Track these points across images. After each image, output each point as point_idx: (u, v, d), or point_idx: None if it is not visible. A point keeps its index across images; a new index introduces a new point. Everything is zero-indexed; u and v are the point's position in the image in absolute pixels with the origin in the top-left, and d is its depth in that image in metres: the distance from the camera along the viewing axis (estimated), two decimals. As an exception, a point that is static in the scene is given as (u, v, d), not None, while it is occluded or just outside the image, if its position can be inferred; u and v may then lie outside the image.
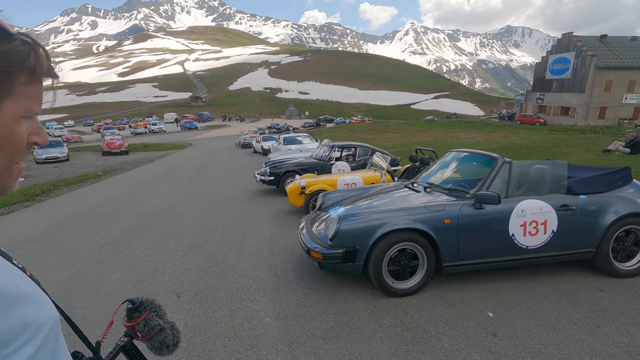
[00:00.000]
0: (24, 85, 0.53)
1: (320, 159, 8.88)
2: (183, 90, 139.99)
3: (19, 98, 0.52)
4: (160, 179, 12.26)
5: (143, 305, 0.86)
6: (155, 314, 0.87)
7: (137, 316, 0.85)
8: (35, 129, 0.58)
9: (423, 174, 4.57)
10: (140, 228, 6.18)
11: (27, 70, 0.52)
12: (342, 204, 4.14)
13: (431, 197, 3.56)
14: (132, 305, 0.86)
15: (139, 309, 0.85)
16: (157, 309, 0.88)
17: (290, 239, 5.18)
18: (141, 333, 0.85)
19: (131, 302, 0.86)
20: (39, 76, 0.54)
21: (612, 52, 39.66)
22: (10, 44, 0.50)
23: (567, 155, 15.01)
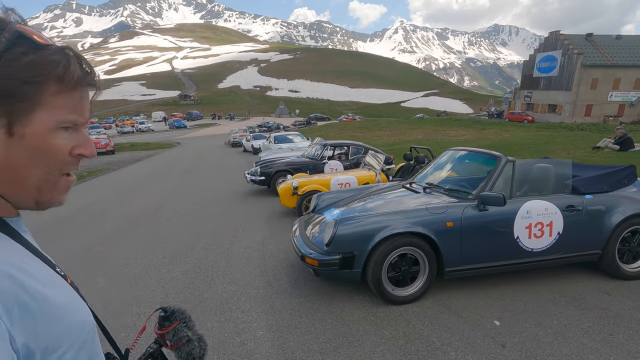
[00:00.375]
0: (54, 95, 0.52)
1: (313, 158, 8.67)
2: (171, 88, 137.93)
3: (49, 108, 0.52)
4: (147, 179, 11.89)
5: (174, 314, 0.87)
6: (185, 325, 0.87)
7: (167, 325, 0.86)
8: (80, 141, 0.57)
9: (420, 174, 4.40)
10: (125, 231, 5.89)
11: (56, 80, 0.52)
12: (337, 206, 3.94)
13: (431, 199, 3.38)
14: (164, 314, 0.87)
15: (170, 318, 0.87)
16: (187, 320, 0.89)
17: (282, 242, 4.96)
18: (170, 342, 0.86)
19: (164, 311, 0.87)
20: (69, 85, 0.53)
21: (597, 50, 40.30)
22: (38, 54, 0.50)
23: (557, 152, 15.10)
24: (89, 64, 0.56)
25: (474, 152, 3.97)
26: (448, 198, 3.32)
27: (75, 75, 0.53)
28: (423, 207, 3.13)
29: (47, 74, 0.51)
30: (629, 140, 12.87)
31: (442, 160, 4.31)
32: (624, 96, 39.81)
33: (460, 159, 4.11)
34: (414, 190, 3.71)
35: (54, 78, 0.51)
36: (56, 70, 0.51)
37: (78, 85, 0.54)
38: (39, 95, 0.51)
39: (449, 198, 3.32)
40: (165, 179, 11.64)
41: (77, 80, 0.54)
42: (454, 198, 3.30)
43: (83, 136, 0.58)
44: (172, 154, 21.52)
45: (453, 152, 4.29)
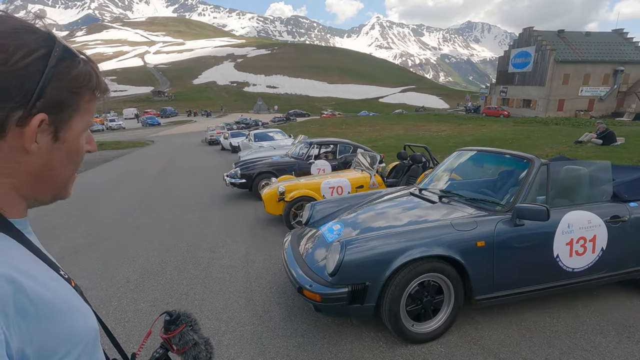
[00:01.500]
0: (87, 102, 0.58)
1: (298, 157, 8.00)
2: (144, 84, 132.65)
3: (83, 114, 0.58)
4: (116, 182, 10.87)
5: (180, 318, 0.86)
6: (191, 329, 0.86)
7: (173, 329, 0.85)
8: (88, 138, 0.63)
9: (426, 178, 3.85)
10: (85, 247, 5.06)
11: (91, 89, 0.58)
12: (337, 219, 3.33)
13: (453, 211, 2.82)
14: (170, 318, 0.86)
15: (176, 321, 0.86)
16: (193, 323, 0.88)
17: (269, 258, 4.30)
18: (176, 346, 0.85)
19: (169, 315, 0.86)
20: (99, 93, 0.60)
21: (569, 46, 41.43)
22: (79, 66, 0.55)
23: (540, 146, 15.09)
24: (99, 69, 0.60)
25: (494, 153, 3.44)
26: (473, 210, 2.77)
27: (103, 85, 0.60)
28: (447, 222, 2.56)
29: (86, 85, 0.56)
30: (612, 135, 12.93)
31: (452, 162, 3.77)
32: (594, 91, 41.17)
33: (476, 161, 3.58)
34: (427, 200, 3.14)
35: (90, 88, 0.57)
36: (92, 81, 0.57)
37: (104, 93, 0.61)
38: (78, 103, 0.56)
39: (474, 210, 2.77)
40: (136, 182, 10.66)
41: (104, 89, 0.60)
42: (481, 210, 2.75)
43: (89, 134, 0.63)
44: (144, 153, 20.26)
45: (464, 153, 3.75)
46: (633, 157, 10.35)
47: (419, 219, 2.80)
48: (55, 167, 0.57)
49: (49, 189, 0.60)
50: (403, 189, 3.79)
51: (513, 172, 3.02)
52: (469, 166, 3.67)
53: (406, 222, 2.80)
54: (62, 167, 0.58)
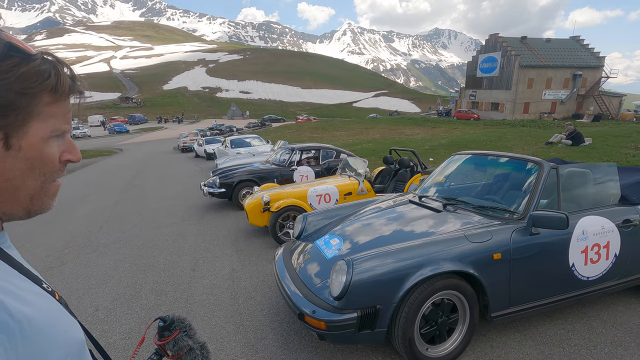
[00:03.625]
0: (48, 105, 0.53)
1: (279, 164, 7.67)
2: (110, 90, 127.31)
3: (45, 119, 0.53)
4: (79, 195, 10.08)
5: (174, 324, 0.85)
6: (185, 334, 0.85)
7: (167, 335, 0.84)
8: (67, 147, 0.59)
9: (423, 184, 3.66)
10: (44, 271, 4.49)
11: (49, 90, 0.53)
12: (334, 231, 3.05)
13: (462, 220, 2.61)
14: (164, 324, 0.85)
15: (170, 327, 0.84)
16: (188, 328, 0.86)
17: (257, 274, 3.96)
18: (171, 352, 0.84)
19: (162, 321, 0.85)
20: (62, 95, 0.55)
21: (531, 52, 43.49)
22: (30, 65, 0.50)
23: (512, 148, 15.52)
24: (71, 69, 0.56)
25: (494, 157, 3.28)
26: (483, 219, 2.57)
27: (66, 85, 0.54)
28: (460, 234, 2.34)
29: (40, 85, 0.51)
30: (580, 135, 13.46)
31: (449, 167, 3.59)
32: (555, 94, 43.38)
33: (475, 165, 3.42)
34: (430, 208, 2.93)
35: (47, 88, 0.52)
36: (49, 80, 0.51)
37: (69, 94, 0.56)
38: (33, 106, 0.51)
39: (484, 219, 2.57)
40: (102, 194, 9.94)
41: (68, 89, 0.55)
42: (492, 219, 2.56)
43: (69, 142, 0.59)
44: (112, 162, 19.19)
45: (460, 157, 3.59)
46: (602, 156, 10.76)
47: (428, 230, 2.57)
48: (14, 177, 0.52)
49: (14, 203, 0.55)
50: (400, 196, 3.57)
51: (519, 176, 2.86)
52: (467, 171, 3.50)
53: (414, 233, 2.57)
54: (25, 178, 0.53)
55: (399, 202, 3.31)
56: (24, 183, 0.54)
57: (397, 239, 2.52)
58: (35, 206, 0.57)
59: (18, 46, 0.50)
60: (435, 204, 2.98)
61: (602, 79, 42.56)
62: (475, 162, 3.45)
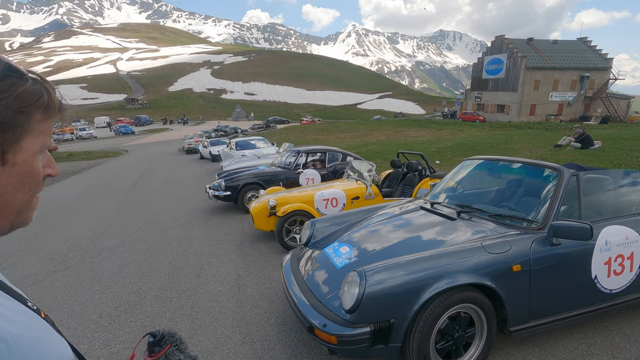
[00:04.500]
0: (39, 122, 0.55)
1: (285, 167, 7.60)
2: (117, 91, 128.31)
3: (36, 135, 0.55)
4: (84, 197, 10.08)
5: (164, 339, 0.84)
6: (176, 348, 0.84)
7: (157, 350, 0.82)
8: (47, 161, 0.61)
9: (434, 189, 3.56)
10: (48, 275, 4.45)
11: (43, 108, 0.55)
12: (342, 238, 2.96)
13: (478, 229, 2.51)
14: (154, 339, 0.83)
15: (160, 342, 0.83)
16: (179, 342, 0.85)
17: (264, 281, 3.87)
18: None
19: (152, 336, 0.84)
20: (53, 112, 0.57)
21: (538, 53, 43.18)
22: (26, 84, 0.53)
23: (520, 150, 15.34)
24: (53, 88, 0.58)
25: (509, 163, 3.17)
26: (500, 228, 2.47)
27: (56, 103, 0.57)
28: (477, 244, 2.24)
29: (35, 103, 0.53)
30: (589, 138, 13.25)
31: (461, 172, 3.49)
32: (562, 96, 42.99)
33: (489, 171, 3.31)
34: (443, 215, 2.82)
35: (41, 106, 0.54)
36: (42, 99, 0.54)
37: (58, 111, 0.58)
38: (27, 124, 0.53)
39: (501, 228, 2.46)
40: (107, 196, 9.92)
41: (58, 107, 0.58)
42: (509, 228, 2.45)
43: (48, 156, 0.61)
44: (117, 164, 19.25)
45: (473, 162, 3.48)
46: (612, 159, 10.57)
47: (442, 239, 2.47)
48: (6, 192, 0.54)
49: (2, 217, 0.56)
50: (410, 202, 3.47)
51: (536, 183, 2.75)
52: (480, 177, 3.40)
53: (427, 242, 2.47)
54: (15, 192, 0.55)
55: (410, 208, 3.20)
56: (14, 197, 0.55)
57: (410, 248, 2.42)
58: (20, 220, 0.58)
59: (14, 66, 0.52)
60: (449, 211, 2.87)
61: (610, 80, 42.11)
62: (488, 168, 3.35)
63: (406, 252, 2.36)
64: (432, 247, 2.36)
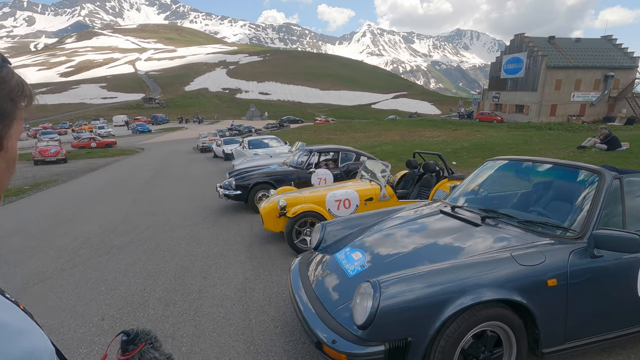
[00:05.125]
0: (21, 110, 0.58)
1: (297, 166, 7.43)
2: (134, 91, 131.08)
3: (19, 122, 0.58)
4: (98, 194, 10.15)
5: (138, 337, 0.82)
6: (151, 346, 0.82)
7: (132, 349, 0.81)
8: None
9: (453, 192, 3.31)
10: (55, 273, 4.39)
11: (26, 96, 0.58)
12: (355, 243, 2.75)
13: (505, 237, 2.26)
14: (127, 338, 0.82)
15: (134, 341, 0.81)
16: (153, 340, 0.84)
17: (271, 285, 3.69)
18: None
19: (126, 334, 0.82)
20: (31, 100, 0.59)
21: (559, 52, 41.84)
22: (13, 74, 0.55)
23: (541, 152, 14.79)
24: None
25: (539, 164, 2.90)
26: (531, 236, 2.21)
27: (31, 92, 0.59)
28: (505, 254, 2.00)
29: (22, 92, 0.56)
30: (616, 140, 12.63)
31: (483, 174, 3.23)
32: (585, 96, 41.57)
33: (516, 173, 3.05)
34: (466, 220, 2.58)
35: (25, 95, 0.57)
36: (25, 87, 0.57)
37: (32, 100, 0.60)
38: (16, 111, 0.56)
39: (532, 236, 2.21)
40: (120, 193, 9.96)
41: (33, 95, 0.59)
42: (541, 236, 2.20)
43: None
44: (133, 162, 19.50)
45: (497, 163, 3.22)
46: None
47: (466, 247, 2.23)
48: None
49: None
50: (428, 205, 3.23)
51: (571, 187, 2.48)
52: (505, 179, 3.13)
53: (449, 251, 2.23)
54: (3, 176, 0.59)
55: (428, 211, 2.97)
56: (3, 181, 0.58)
57: (429, 257, 2.19)
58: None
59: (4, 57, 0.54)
60: (471, 215, 2.62)
61: (636, 80, 40.43)
62: (515, 169, 3.08)
63: (425, 260, 2.14)
64: (455, 256, 2.13)
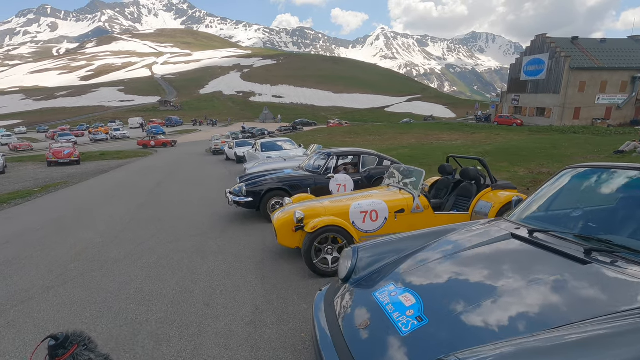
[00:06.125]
0: None
1: (313, 170, 6.77)
2: (151, 94, 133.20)
3: None
4: (105, 197, 9.71)
5: (69, 339, 0.78)
6: (85, 348, 0.78)
7: (62, 353, 0.76)
8: None
9: (518, 209, 2.59)
10: (40, 293, 3.82)
11: None
12: (400, 277, 2.05)
13: (635, 285, 1.54)
14: (56, 342, 0.77)
15: (65, 344, 0.77)
16: (87, 342, 0.80)
17: (287, 318, 3.02)
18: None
19: (54, 339, 0.78)
20: None
21: (583, 53, 40.20)
22: None
23: (573, 157, 13.80)
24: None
25: (630, 171, 2.16)
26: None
27: None
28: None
29: None
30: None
31: (563, 186, 2.50)
32: (611, 99, 39.80)
33: (607, 184, 2.30)
34: (559, 252, 1.85)
35: None
36: None
37: None
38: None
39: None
40: (128, 197, 9.50)
41: None
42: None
43: None
44: (145, 164, 19.23)
45: (580, 172, 2.49)
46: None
47: (575, 301, 1.51)
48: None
49: None
50: (489, 224, 2.51)
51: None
52: (593, 192, 2.39)
53: (550, 306, 1.52)
54: None
55: (495, 235, 2.25)
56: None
57: (522, 318, 1.48)
58: None
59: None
60: (566, 245, 1.89)
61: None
62: (608, 180, 2.34)
63: (519, 322, 1.43)
64: (561, 316, 1.42)
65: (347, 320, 1.93)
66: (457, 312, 1.60)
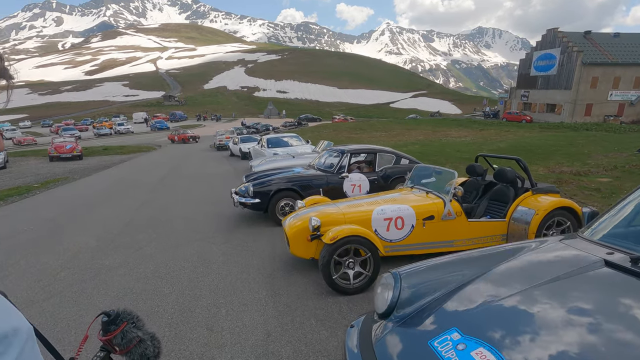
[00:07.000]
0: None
1: (325, 169, 6.26)
2: (155, 89, 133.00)
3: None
4: (104, 196, 9.28)
5: (120, 317, 0.81)
6: (134, 325, 0.81)
7: (113, 329, 0.80)
8: None
9: (603, 223, 2.07)
10: (22, 307, 3.34)
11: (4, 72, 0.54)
12: (465, 323, 1.55)
13: None
14: (108, 318, 0.81)
15: (116, 321, 0.80)
16: (135, 319, 0.83)
17: (305, 350, 2.53)
18: (119, 347, 0.79)
19: (107, 315, 0.81)
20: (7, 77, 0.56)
21: (596, 48, 39.21)
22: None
23: (592, 155, 13.20)
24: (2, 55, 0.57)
25: None
26: None
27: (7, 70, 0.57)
28: None
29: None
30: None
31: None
32: (624, 95, 38.85)
33: None
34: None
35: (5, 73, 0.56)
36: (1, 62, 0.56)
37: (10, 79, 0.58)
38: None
39: None
40: (128, 195, 9.05)
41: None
42: None
43: None
44: (148, 159, 18.83)
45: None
46: None
47: None
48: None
49: None
50: (562, 246, 1.99)
51: None
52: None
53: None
54: None
55: (582, 263, 1.74)
56: None
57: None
58: None
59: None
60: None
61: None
62: None
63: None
64: None
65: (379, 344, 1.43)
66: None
